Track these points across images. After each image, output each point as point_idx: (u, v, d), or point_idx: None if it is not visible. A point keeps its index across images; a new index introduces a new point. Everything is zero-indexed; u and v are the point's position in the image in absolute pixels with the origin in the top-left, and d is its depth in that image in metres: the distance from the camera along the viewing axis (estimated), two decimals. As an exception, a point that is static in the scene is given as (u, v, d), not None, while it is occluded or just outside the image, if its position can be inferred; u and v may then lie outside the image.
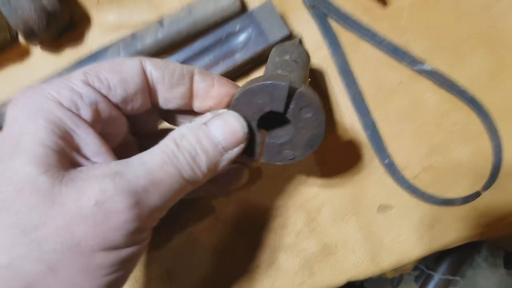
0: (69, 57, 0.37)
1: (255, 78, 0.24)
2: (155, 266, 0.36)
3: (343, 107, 0.37)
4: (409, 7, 0.38)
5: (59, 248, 0.17)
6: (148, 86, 0.22)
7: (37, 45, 0.37)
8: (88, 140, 0.20)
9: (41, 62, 0.37)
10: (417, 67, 0.37)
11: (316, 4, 0.37)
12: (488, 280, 0.84)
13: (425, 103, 0.37)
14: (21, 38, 0.37)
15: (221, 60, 0.34)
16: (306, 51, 0.32)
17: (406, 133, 0.37)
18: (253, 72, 0.37)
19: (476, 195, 0.37)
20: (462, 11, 0.38)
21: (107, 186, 0.18)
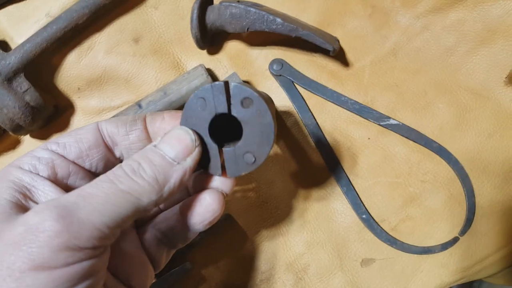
0: (56, 143, 0.39)
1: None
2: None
3: (319, 167, 0.39)
4: (370, 65, 0.40)
5: None
6: (103, 141, 0.25)
7: (26, 135, 0.40)
8: (45, 190, 0.23)
9: (32, 148, 0.39)
10: (383, 122, 0.39)
11: (282, 73, 0.39)
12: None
13: (395, 156, 0.39)
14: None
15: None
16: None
17: (380, 187, 0.39)
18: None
19: (455, 240, 0.38)
20: (421, 64, 0.40)
21: (38, 208, 0.20)
